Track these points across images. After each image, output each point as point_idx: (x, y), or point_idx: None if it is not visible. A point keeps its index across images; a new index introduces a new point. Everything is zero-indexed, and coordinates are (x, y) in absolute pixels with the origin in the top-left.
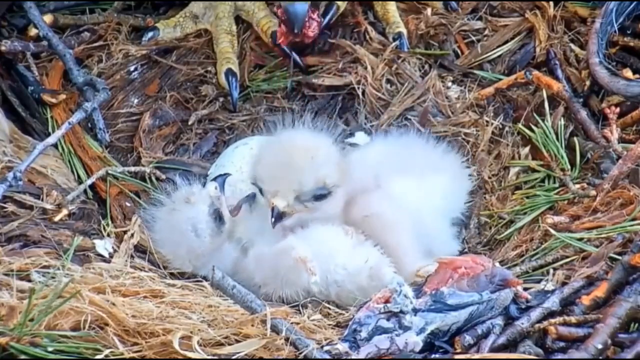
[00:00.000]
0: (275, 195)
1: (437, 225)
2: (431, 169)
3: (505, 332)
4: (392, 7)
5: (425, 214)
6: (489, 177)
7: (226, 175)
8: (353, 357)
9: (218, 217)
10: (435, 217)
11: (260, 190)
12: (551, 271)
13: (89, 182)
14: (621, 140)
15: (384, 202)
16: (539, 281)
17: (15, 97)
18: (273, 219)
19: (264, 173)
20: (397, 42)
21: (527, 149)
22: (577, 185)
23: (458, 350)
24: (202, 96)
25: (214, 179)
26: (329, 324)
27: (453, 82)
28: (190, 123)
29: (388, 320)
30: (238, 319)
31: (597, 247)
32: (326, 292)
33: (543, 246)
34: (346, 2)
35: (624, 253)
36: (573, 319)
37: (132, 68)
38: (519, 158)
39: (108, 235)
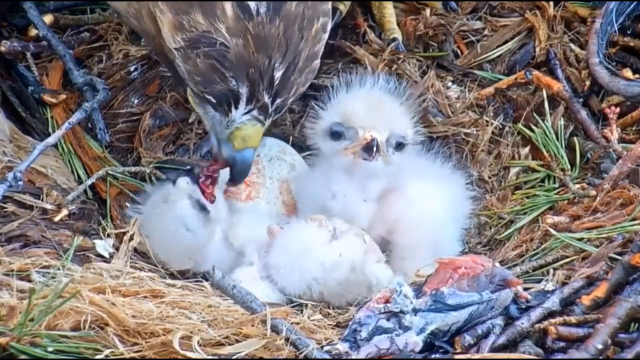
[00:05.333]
0: (372, 130)
1: (448, 231)
2: (440, 180)
3: (505, 332)
4: (388, 11)
5: (440, 217)
6: (489, 177)
7: (191, 168)
8: (353, 357)
9: (201, 207)
10: (447, 224)
11: (339, 135)
12: (551, 271)
13: (89, 182)
14: (621, 140)
15: (407, 204)
16: (539, 281)
17: (15, 97)
18: (375, 150)
19: (359, 109)
20: (392, 45)
21: (527, 149)
22: (577, 185)
23: (458, 350)
24: None
25: (183, 176)
26: (329, 324)
27: (453, 82)
28: (190, 123)
29: (388, 320)
30: (238, 319)
31: (597, 247)
32: (309, 293)
33: (543, 246)
34: (348, 5)
35: (624, 253)
36: (573, 319)
37: (132, 68)
38: (519, 158)
39: (108, 235)
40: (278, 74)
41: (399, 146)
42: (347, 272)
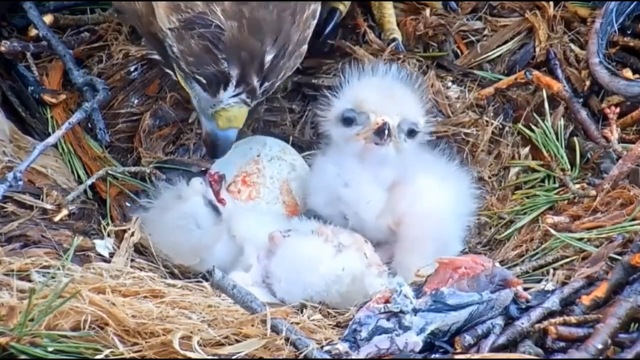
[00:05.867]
0: (383, 114)
1: (454, 228)
2: (448, 177)
3: (505, 332)
4: (388, 11)
5: (447, 213)
6: (489, 177)
7: (205, 170)
8: (353, 357)
9: (213, 206)
10: (453, 221)
11: (350, 121)
12: (551, 271)
13: (89, 182)
14: (621, 140)
15: (415, 197)
16: (539, 281)
17: (15, 97)
18: (387, 133)
19: (371, 95)
20: (392, 46)
21: (527, 149)
22: (577, 185)
23: (458, 350)
24: None
25: (197, 175)
26: (329, 324)
27: (453, 82)
28: (190, 123)
29: (388, 320)
30: (238, 319)
31: (597, 247)
32: (311, 302)
33: (543, 246)
34: (348, 5)
35: (624, 253)
36: (573, 319)
37: (132, 68)
38: (519, 158)
39: (108, 235)
40: (268, 58)
41: (411, 133)
42: (348, 284)
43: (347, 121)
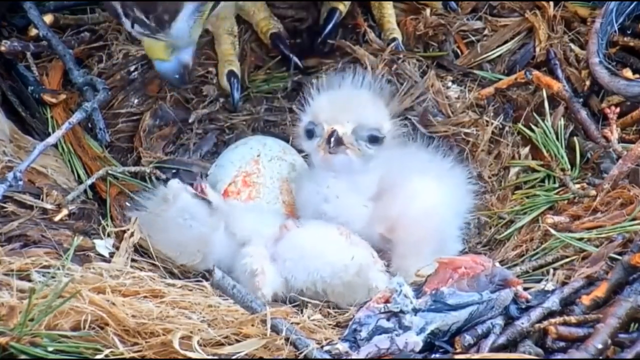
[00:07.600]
0: (334, 122)
1: (451, 227)
2: (442, 175)
3: (505, 332)
4: (388, 11)
5: (442, 214)
6: (489, 177)
7: (177, 171)
8: (353, 357)
9: (202, 198)
10: (450, 219)
11: (312, 133)
12: (551, 271)
13: (89, 182)
14: (621, 140)
15: (409, 199)
16: (539, 281)
17: (15, 97)
18: (333, 141)
19: (324, 103)
20: (392, 45)
21: (527, 149)
22: (577, 185)
23: (458, 350)
24: (202, 96)
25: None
26: (329, 324)
27: (453, 82)
28: (190, 123)
29: (388, 320)
30: (238, 319)
31: (597, 247)
32: (313, 288)
33: (543, 246)
34: (348, 5)
35: (624, 253)
36: (573, 319)
37: (132, 68)
38: (519, 158)
39: (108, 235)
40: None
41: (375, 140)
42: (353, 274)
43: (310, 134)
